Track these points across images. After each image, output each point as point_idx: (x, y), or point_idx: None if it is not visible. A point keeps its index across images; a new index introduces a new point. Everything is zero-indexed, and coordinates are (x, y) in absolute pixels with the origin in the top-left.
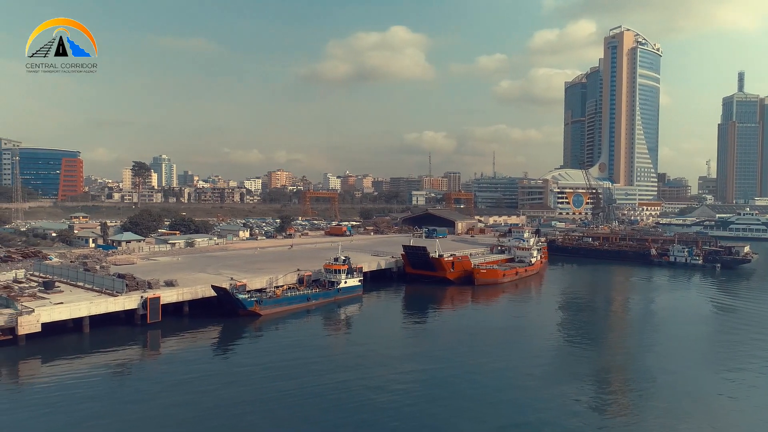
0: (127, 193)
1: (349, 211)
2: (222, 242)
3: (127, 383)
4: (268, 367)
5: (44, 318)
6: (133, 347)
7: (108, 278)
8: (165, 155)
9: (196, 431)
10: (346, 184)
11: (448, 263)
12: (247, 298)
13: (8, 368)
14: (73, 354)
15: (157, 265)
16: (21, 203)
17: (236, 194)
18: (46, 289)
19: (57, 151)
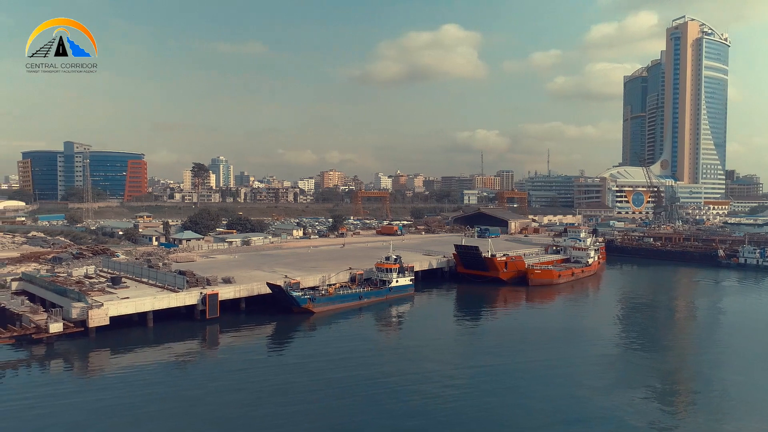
0: (187, 194)
1: (400, 211)
2: (276, 241)
3: (187, 374)
4: (321, 361)
5: (112, 312)
6: (193, 341)
7: (170, 275)
8: (222, 157)
9: (249, 419)
10: (397, 183)
11: (501, 263)
12: (300, 295)
13: (80, 358)
14: (138, 346)
15: (215, 262)
16: (91, 203)
17: (290, 194)
18: (113, 284)
19: (123, 154)
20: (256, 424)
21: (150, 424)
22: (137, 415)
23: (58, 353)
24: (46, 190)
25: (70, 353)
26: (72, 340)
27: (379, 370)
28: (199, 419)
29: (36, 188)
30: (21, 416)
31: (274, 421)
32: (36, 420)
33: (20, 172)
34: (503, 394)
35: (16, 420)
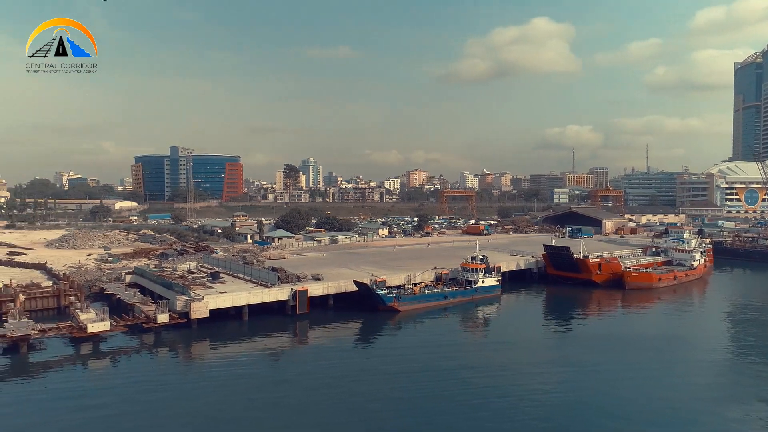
0: (279, 194)
1: (486, 210)
2: (363, 240)
3: (279, 366)
4: (406, 360)
5: (212, 305)
6: (285, 335)
7: (263, 271)
8: (312, 158)
9: (336, 411)
10: (483, 182)
11: (595, 265)
12: (386, 294)
13: (184, 348)
14: (234, 338)
15: (305, 260)
16: (193, 203)
17: (376, 194)
18: (213, 279)
19: (222, 157)
20: (340, 413)
21: (245, 410)
22: (235, 401)
23: (164, 342)
24: (155, 191)
25: (175, 342)
26: (176, 330)
27: (463, 370)
28: (289, 407)
29: (146, 190)
30: (133, 396)
31: (359, 413)
32: (146, 399)
33: (133, 175)
34: (597, 402)
35: (130, 399)
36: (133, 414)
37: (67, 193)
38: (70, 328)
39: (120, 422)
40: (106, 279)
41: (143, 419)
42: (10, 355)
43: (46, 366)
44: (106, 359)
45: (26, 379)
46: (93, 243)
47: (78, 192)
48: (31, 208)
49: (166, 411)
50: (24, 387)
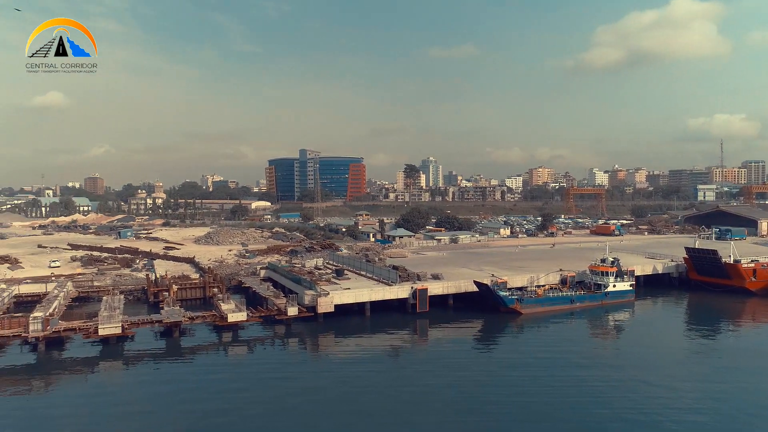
0: (400, 193)
1: (618, 209)
2: (483, 239)
3: (400, 362)
4: (528, 364)
5: (336, 300)
6: (405, 332)
7: (384, 269)
8: (432, 157)
9: (457, 411)
10: (614, 179)
11: (748, 270)
12: (507, 295)
13: (311, 340)
14: (357, 333)
15: (424, 259)
16: (320, 203)
17: (497, 192)
18: (337, 276)
19: (346, 159)
20: (461, 413)
21: (366, 402)
22: (357, 394)
23: (294, 333)
24: (286, 191)
25: (303, 334)
26: (304, 323)
27: (591, 380)
28: (410, 403)
29: (278, 190)
30: (266, 380)
31: (480, 415)
32: (277, 384)
33: (267, 176)
34: (748, 426)
35: (263, 383)
36: (266, 396)
37: (211, 194)
38: (214, 316)
39: (255, 402)
40: (243, 273)
41: (275, 402)
42: (165, 338)
43: (195, 349)
44: (244, 346)
45: (179, 359)
46: (233, 240)
47: (220, 193)
48: (182, 207)
49: (294, 398)
50: (178, 366)
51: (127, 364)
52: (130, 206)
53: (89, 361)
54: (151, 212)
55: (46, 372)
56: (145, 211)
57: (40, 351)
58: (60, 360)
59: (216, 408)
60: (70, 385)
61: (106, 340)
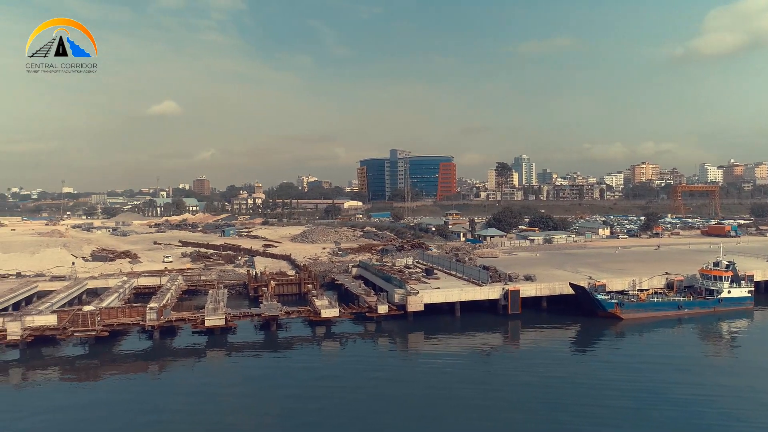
0: (491, 192)
1: (734, 208)
2: (580, 240)
3: (490, 363)
4: (629, 372)
5: (426, 299)
6: (496, 334)
7: (475, 269)
8: (525, 155)
9: (549, 416)
10: (730, 175)
11: None
12: (606, 299)
13: (401, 337)
14: (447, 332)
15: (516, 259)
16: (410, 203)
17: (596, 191)
18: (427, 275)
19: (436, 158)
20: (554, 418)
21: (455, 402)
22: (446, 393)
23: (384, 330)
24: (377, 191)
25: (393, 331)
26: (394, 321)
27: (700, 393)
28: (499, 407)
29: (370, 190)
30: (358, 374)
31: (576, 423)
32: (368, 377)
33: (358, 177)
34: None
35: (355, 376)
36: (357, 388)
37: (306, 194)
38: (308, 312)
39: (347, 394)
40: (336, 270)
41: (366, 394)
42: (264, 331)
43: (290, 342)
44: (336, 341)
45: (276, 351)
46: (326, 238)
47: (315, 193)
48: (279, 207)
49: (384, 391)
50: (275, 357)
51: (230, 353)
52: (233, 206)
53: (197, 349)
54: (251, 212)
55: (160, 357)
56: (246, 211)
57: (155, 338)
58: (172, 347)
59: (309, 395)
60: (180, 369)
61: (212, 331)
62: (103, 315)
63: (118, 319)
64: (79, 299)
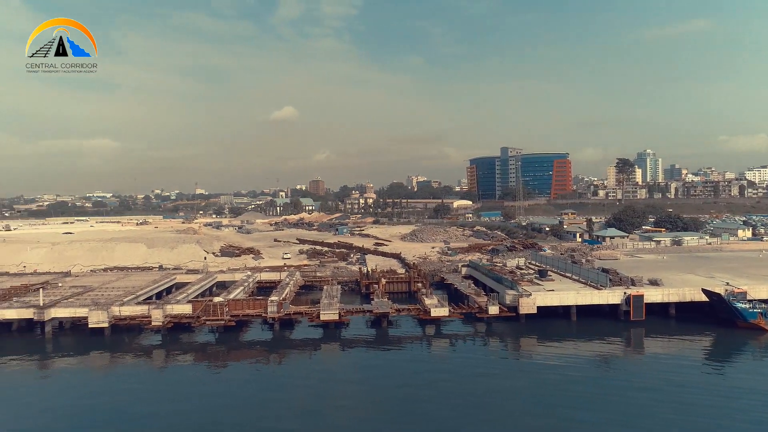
0: (611, 190)
1: None
2: (715, 242)
3: (610, 373)
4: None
5: (539, 302)
6: (616, 341)
7: (593, 271)
8: (650, 150)
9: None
10: None
11: None
12: (747, 308)
13: (512, 340)
14: (562, 337)
15: (640, 262)
16: (522, 202)
17: (734, 187)
18: (540, 276)
19: (549, 155)
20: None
21: (569, 409)
22: (561, 398)
23: (495, 332)
24: (487, 190)
25: (504, 333)
26: (505, 323)
27: None
28: (623, 413)
29: (479, 189)
30: (467, 372)
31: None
32: (478, 377)
33: (468, 176)
34: None
35: (465, 374)
36: (468, 386)
37: (416, 193)
38: (418, 310)
39: (457, 390)
40: (445, 270)
41: (477, 392)
42: (375, 327)
43: (400, 339)
44: (446, 340)
45: (386, 347)
46: (435, 238)
47: (424, 192)
48: (389, 207)
49: (495, 391)
50: (386, 352)
51: (344, 347)
52: (346, 206)
53: (313, 341)
54: (363, 211)
55: (280, 347)
56: (358, 210)
57: (275, 329)
58: (290, 338)
59: (418, 392)
60: (299, 359)
61: (326, 325)
62: (231, 306)
63: (243, 311)
64: (210, 291)
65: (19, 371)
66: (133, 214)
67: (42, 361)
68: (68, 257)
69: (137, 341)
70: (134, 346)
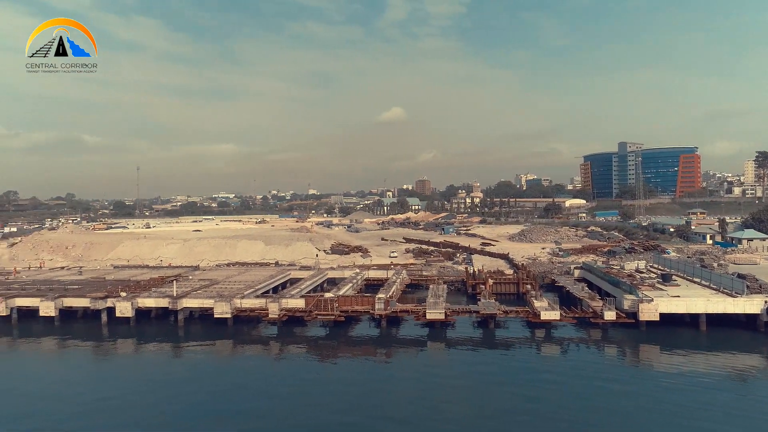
0: (749, 187)
1: None
2: None
3: (749, 389)
4: None
5: (662, 308)
6: (756, 356)
7: (726, 277)
8: None
9: None
10: None
11: None
12: None
13: (631, 348)
14: (689, 348)
15: None
16: (642, 200)
17: None
18: (663, 281)
19: (674, 149)
20: None
21: (691, 420)
22: (684, 411)
23: (611, 339)
24: (603, 188)
25: (621, 341)
26: (623, 329)
27: None
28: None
29: (594, 187)
30: (584, 381)
31: None
32: (595, 386)
33: (581, 173)
34: None
35: (580, 383)
36: (580, 394)
37: (524, 192)
38: (527, 312)
39: (571, 394)
40: (556, 272)
41: (590, 401)
42: (481, 328)
43: (508, 341)
44: (556, 345)
45: (494, 348)
46: (546, 238)
47: (533, 191)
48: (497, 206)
49: (611, 401)
50: (493, 353)
51: (449, 346)
52: (452, 205)
53: (419, 340)
54: (469, 210)
55: (387, 344)
56: (464, 210)
57: (382, 326)
58: (397, 335)
59: (528, 393)
60: (405, 357)
61: (432, 324)
62: (340, 302)
63: (351, 307)
64: (321, 287)
65: (156, 353)
66: (253, 214)
67: (175, 345)
68: (197, 253)
69: (256, 332)
70: (253, 336)
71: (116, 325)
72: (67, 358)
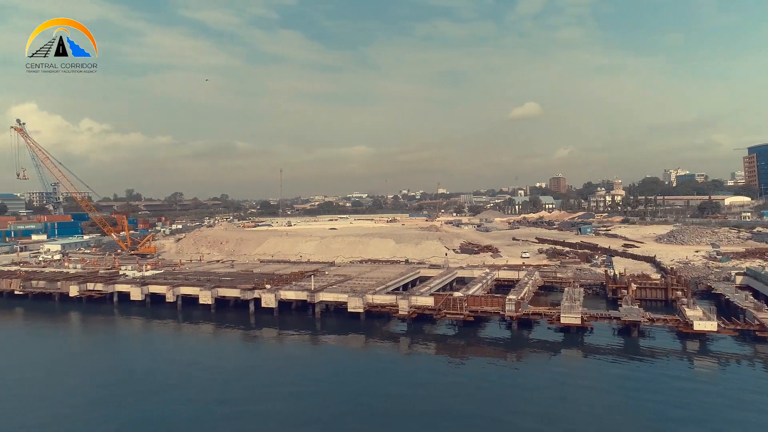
0: None
1: None
2: None
3: None
4: None
5: None
6: None
7: None
8: None
9: None
10: None
11: None
12: None
13: None
14: None
15: None
16: None
17: None
18: None
19: None
20: None
21: None
22: None
23: None
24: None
25: None
26: None
27: None
28: None
29: (761, 183)
30: (748, 401)
31: None
32: (762, 409)
33: (746, 167)
34: None
35: (743, 403)
36: (745, 414)
37: (674, 189)
38: (677, 321)
39: (731, 412)
40: (713, 278)
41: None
42: (622, 336)
43: (653, 352)
44: (713, 360)
45: (636, 359)
46: (700, 240)
47: (685, 188)
48: (641, 204)
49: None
50: (635, 364)
51: (587, 353)
52: (590, 204)
53: (552, 345)
54: (609, 209)
55: (518, 347)
56: (603, 209)
57: (513, 328)
58: (528, 338)
59: (675, 410)
60: (537, 361)
61: (567, 328)
62: (469, 302)
63: (481, 307)
64: (450, 286)
65: (296, 343)
66: (384, 213)
67: (313, 336)
68: (332, 249)
69: (386, 327)
70: (384, 332)
71: (262, 315)
72: (222, 343)
